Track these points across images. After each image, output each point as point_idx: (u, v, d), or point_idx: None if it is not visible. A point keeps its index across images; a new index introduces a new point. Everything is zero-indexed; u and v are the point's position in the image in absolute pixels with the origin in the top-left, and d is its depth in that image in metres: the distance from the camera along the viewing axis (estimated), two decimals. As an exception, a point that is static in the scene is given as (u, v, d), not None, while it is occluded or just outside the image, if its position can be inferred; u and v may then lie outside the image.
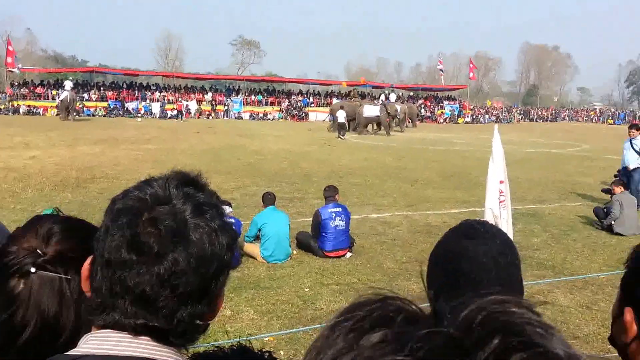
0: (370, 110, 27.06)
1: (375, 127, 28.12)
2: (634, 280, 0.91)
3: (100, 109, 37.31)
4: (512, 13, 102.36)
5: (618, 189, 7.67)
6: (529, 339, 0.33)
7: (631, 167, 9.16)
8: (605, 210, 7.68)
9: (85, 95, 38.68)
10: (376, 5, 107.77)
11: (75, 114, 31.46)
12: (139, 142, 18.38)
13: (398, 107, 31.09)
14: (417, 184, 11.28)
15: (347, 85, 47.54)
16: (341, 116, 24.76)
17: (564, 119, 57.17)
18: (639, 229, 7.36)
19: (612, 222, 7.35)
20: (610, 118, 54.69)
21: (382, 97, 31.98)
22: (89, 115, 35.80)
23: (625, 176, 9.09)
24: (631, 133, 9.39)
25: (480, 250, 1.04)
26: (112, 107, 38.38)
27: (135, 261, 0.74)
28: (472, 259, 1.03)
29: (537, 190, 10.80)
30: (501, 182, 4.81)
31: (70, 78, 39.79)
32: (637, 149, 9.14)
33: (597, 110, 61.72)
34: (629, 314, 0.89)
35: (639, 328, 0.88)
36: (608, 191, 7.93)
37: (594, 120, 56.01)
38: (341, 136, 23.55)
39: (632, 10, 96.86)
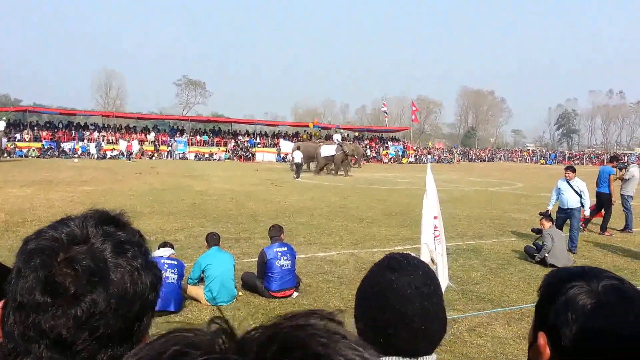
0: (328, 150, 27.54)
1: (333, 166, 28.26)
2: (546, 305, 0.96)
3: (33, 150, 35.64)
4: (451, 59, 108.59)
5: (547, 224, 8.19)
6: (307, 349, 0.33)
7: (574, 207, 9.26)
8: (536, 246, 8.14)
9: (18, 136, 37.01)
10: (322, 48, 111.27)
11: (5, 154, 30.03)
12: (74, 183, 17.69)
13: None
14: (362, 222, 11.48)
15: (314, 124, 48.18)
16: (297, 157, 25.19)
17: (500, 159, 60.28)
18: (569, 260, 7.83)
19: (546, 255, 7.80)
20: (542, 158, 58.25)
21: (338, 136, 32.43)
22: (21, 156, 34.19)
23: (561, 216, 9.39)
24: (567, 175, 9.49)
25: (404, 281, 1.09)
26: (46, 147, 36.80)
27: (50, 303, 0.70)
28: (396, 291, 1.08)
29: (476, 227, 11.25)
30: (435, 217, 5.02)
31: (4, 118, 38.17)
32: (577, 190, 9.28)
33: (530, 151, 65.57)
34: (542, 338, 0.93)
35: (552, 351, 0.92)
36: (538, 231, 8.41)
37: (527, 160, 59.40)
38: (297, 177, 23.91)
39: (560, 58, 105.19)
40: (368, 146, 49.56)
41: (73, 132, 40.42)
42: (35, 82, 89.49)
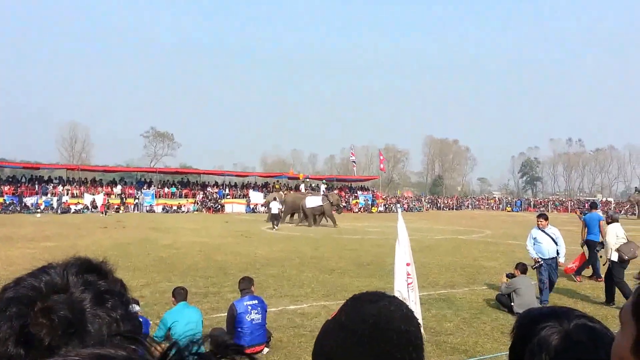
0: (313, 201, 27.35)
1: (317, 217, 27.79)
2: (519, 346, 0.99)
3: (-7, 205, 34.67)
4: (415, 109, 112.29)
5: (517, 272, 8.30)
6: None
7: (553, 255, 8.80)
8: (507, 295, 8.19)
9: (-22, 190, 36.04)
10: (290, 99, 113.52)
11: None
12: (37, 239, 17.08)
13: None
14: (334, 273, 11.36)
15: (304, 177, 48.31)
16: (274, 207, 25.25)
17: (467, 207, 61.36)
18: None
19: (512, 304, 7.84)
20: (508, 206, 59.57)
21: (323, 187, 32.36)
22: None
23: (542, 267, 8.70)
24: (540, 222, 9.03)
25: (397, 302, 1.00)
26: (8, 202, 35.72)
27: (23, 356, 0.67)
28: (394, 312, 0.96)
29: (447, 275, 11.27)
30: (407, 264, 5.02)
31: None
32: (553, 237, 8.83)
33: (497, 199, 67.10)
34: None
35: None
36: (512, 276, 8.51)
37: (494, 208, 60.65)
38: (275, 227, 23.86)
39: (520, 107, 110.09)
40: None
41: (36, 186, 39.36)
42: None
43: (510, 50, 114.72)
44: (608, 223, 9.70)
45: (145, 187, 43.13)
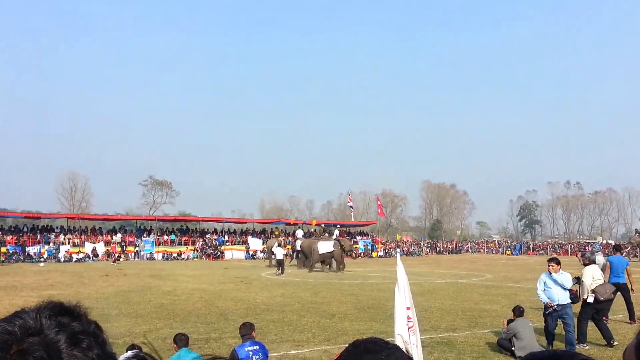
0: (325, 246, 27.04)
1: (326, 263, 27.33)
2: None
3: (-3, 255, 34.59)
4: (411, 154, 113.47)
5: (514, 316, 8.33)
6: None
7: (564, 302, 8.29)
8: (508, 340, 8.18)
9: (-20, 241, 36.04)
10: (286, 145, 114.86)
11: None
12: (40, 288, 17.05)
13: (299, 242, 32.27)
14: (334, 317, 11.31)
15: (317, 224, 48.31)
16: (279, 253, 25.37)
17: (467, 250, 61.02)
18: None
19: (513, 348, 7.82)
20: (508, 249, 59.25)
21: (336, 232, 32.17)
22: None
23: (554, 315, 8.32)
24: (551, 267, 8.47)
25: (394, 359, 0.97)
26: (11, 252, 35.59)
27: None
28: None
29: (449, 319, 11.22)
30: (408, 308, 5.07)
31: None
32: (562, 285, 8.31)
33: (496, 242, 66.81)
34: None
35: None
36: (512, 320, 8.53)
37: (493, 252, 60.28)
38: (280, 273, 23.93)
39: (517, 151, 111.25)
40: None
41: (38, 235, 39.36)
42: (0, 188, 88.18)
43: (505, 94, 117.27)
44: (585, 264, 9.54)
45: (144, 235, 43.03)
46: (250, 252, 43.08)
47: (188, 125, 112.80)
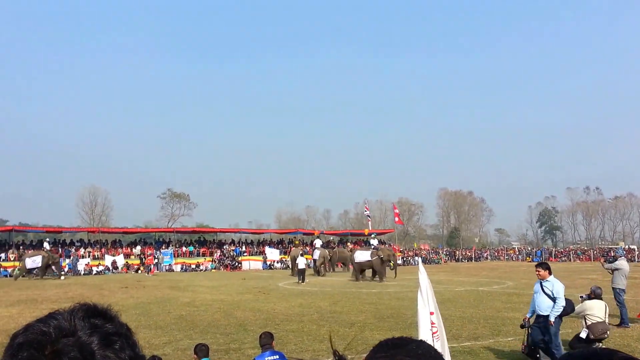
0: (362, 255, 26.83)
1: (365, 272, 27.25)
2: None
3: (18, 269, 34.99)
4: (428, 161, 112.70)
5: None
6: None
7: (544, 313, 7.76)
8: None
9: (2, 255, 36.72)
10: (302, 156, 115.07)
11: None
12: (60, 300, 17.18)
13: (318, 251, 32.33)
14: (354, 327, 11.18)
15: (369, 232, 48.21)
16: (301, 262, 25.71)
17: (486, 258, 60.20)
18: None
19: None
20: (528, 256, 58.31)
21: (375, 241, 31.85)
22: (6, 276, 34.01)
23: (536, 327, 7.84)
24: (538, 273, 7.95)
25: (425, 345, 0.97)
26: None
27: None
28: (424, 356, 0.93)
29: (470, 327, 11.01)
30: (431, 313, 4.97)
31: (47, 239, 39.24)
32: (548, 292, 7.75)
33: (516, 249, 65.80)
34: None
35: None
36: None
37: (513, 259, 59.39)
38: (301, 281, 24.32)
39: (534, 157, 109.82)
40: (353, 250, 49.43)
41: (59, 249, 39.92)
42: (21, 201, 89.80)
43: (521, 100, 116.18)
44: (590, 298, 8.99)
45: (163, 247, 43.35)
46: (268, 263, 43.08)
47: (205, 138, 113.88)
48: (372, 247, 29.89)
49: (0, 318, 13.16)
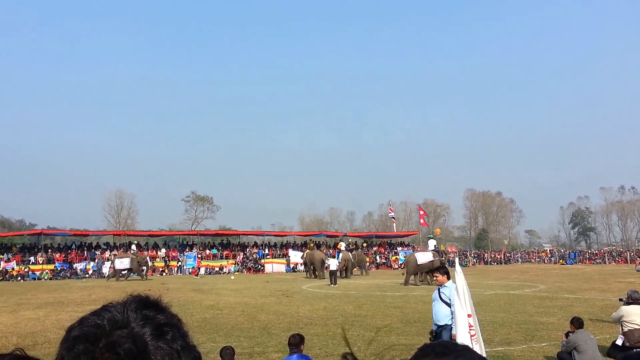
0: (424, 256, 26.27)
1: (423, 275, 26.59)
2: None
3: (46, 272, 36.21)
4: (454, 162, 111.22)
5: (573, 328, 7.81)
6: None
7: (442, 323, 7.16)
8: (569, 353, 7.70)
9: (32, 259, 37.81)
10: (325, 158, 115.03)
11: (20, 278, 31.11)
12: (85, 303, 17.54)
13: (340, 254, 32.33)
14: (380, 331, 11.04)
15: (437, 233, 48.10)
16: (333, 264, 26.01)
17: (517, 260, 59.10)
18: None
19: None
20: (561, 258, 56.98)
21: (433, 243, 31.12)
22: (34, 278, 34.97)
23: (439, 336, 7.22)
24: (436, 278, 7.23)
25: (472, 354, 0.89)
26: (59, 269, 37.22)
27: None
28: None
29: (502, 332, 10.76)
30: (469, 315, 4.83)
31: (135, 242, 41.97)
32: (446, 299, 7.01)
33: (548, 251, 64.40)
34: None
35: None
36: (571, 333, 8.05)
37: (545, 261, 58.15)
38: (332, 284, 24.63)
39: (566, 156, 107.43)
40: (377, 252, 49.17)
41: (85, 252, 40.83)
42: (49, 206, 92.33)
43: (550, 97, 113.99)
44: (628, 303, 8.47)
45: (187, 250, 43.87)
46: (291, 265, 43.15)
47: (228, 140, 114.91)
48: (432, 249, 28.85)
49: (27, 320, 13.49)
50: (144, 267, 32.80)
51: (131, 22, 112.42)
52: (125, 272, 32.13)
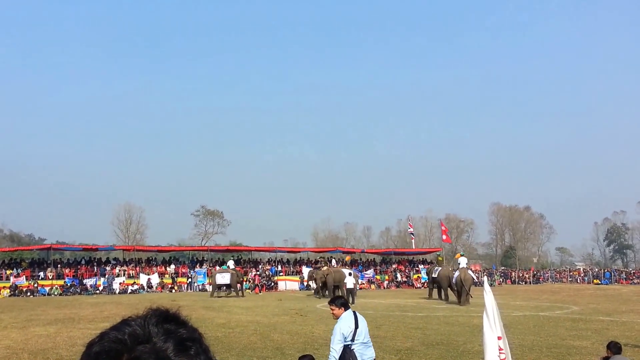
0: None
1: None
2: None
3: (56, 288, 36.75)
4: (477, 175, 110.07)
5: (610, 352, 7.63)
6: None
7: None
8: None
9: (41, 274, 38.36)
10: (340, 170, 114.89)
11: (30, 294, 31.81)
12: (96, 320, 17.75)
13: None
14: (400, 353, 10.92)
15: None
16: (350, 282, 26.40)
17: (547, 280, 58.12)
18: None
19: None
20: (595, 278, 55.84)
21: (464, 260, 30.92)
22: (44, 294, 35.52)
23: None
24: (332, 311, 6.48)
25: None
26: (69, 284, 37.75)
27: None
28: None
29: (532, 357, 10.57)
30: (499, 338, 4.75)
31: (232, 257, 43.59)
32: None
33: (581, 270, 63.18)
34: None
35: None
36: (607, 358, 7.87)
37: (578, 281, 57.07)
38: (352, 302, 24.47)
39: (600, 169, 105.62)
40: (397, 270, 48.79)
41: (95, 268, 41.31)
42: (58, 221, 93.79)
43: (580, 105, 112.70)
44: None
45: (197, 266, 44.08)
46: (305, 283, 43.03)
47: (238, 154, 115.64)
48: (463, 266, 28.92)
49: (38, 337, 13.66)
50: (240, 284, 33.83)
51: (137, 34, 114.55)
52: (225, 287, 33.23)
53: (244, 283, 37.91)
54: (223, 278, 32.68)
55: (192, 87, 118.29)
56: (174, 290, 39.24)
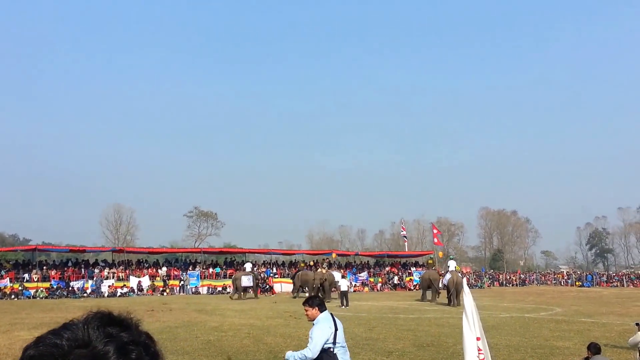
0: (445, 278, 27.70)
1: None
2: None
3: (41, 290, 35.61)
4: (467, 180, 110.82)
5: (590, 353, 7.82)
6: None
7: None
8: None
9: (26, 276, 37.15)
10: (334, 174, 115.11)
11: (14, 297, 31.05)
12: (84, 323, 17.61)
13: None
14: (391, 355, 11.08)
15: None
16: (344, 284, 26.78)
17: (533, 282, 58.57)
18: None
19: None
20: (578, 281, 56.45)
21: (453, 264, 31.22)
22: (28, 297, 34.48)
23: None
24: (306, 312, 6.12)
25: None
26: (55, 287, 36.71)
27: None
28: None
29: (517, 357, 10.77)
30: (478, 338, 4.92)
31: (250, 261, 43.44)
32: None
33: (564, 273, 63.80)
34: None
35: None
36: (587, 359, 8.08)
37: (562, 283, 57.58)
38: (346, 305, 25.07)
39: (583, 176, 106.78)
40: (390, 272, 48.96)
41: (82, 270, 40.59)
42: (44, 220, 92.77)
43: (566, 116, 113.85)
44: None
45: (190, 269, 43.80)
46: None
47: (232, 155, 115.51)
48: (451, 270, 29.24)
49: (23, 341, 12.68)
50: (258, 286, 34.55)
51: (136, 36, 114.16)
52: (249, 289, 33.72)
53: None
54: (249, 280, 33.33)
55: (189, 87, 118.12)
56: (165, 293, 38.90)
